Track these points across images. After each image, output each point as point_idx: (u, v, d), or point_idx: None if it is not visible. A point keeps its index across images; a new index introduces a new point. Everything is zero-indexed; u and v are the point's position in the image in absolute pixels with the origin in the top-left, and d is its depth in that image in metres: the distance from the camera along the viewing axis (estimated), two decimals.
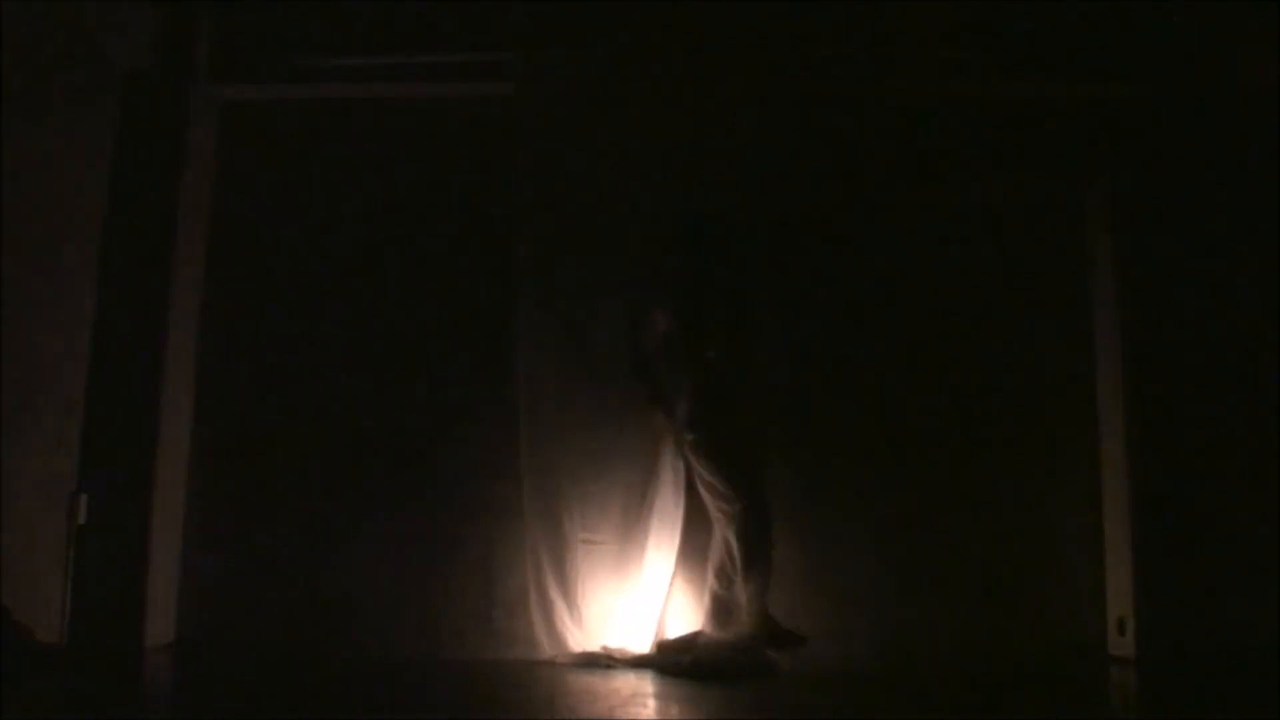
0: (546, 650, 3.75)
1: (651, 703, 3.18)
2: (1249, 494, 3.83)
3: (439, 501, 3.98)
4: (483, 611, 3.90)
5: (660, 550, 3.76)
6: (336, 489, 4.01)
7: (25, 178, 3.69)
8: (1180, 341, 3.89)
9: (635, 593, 3.76)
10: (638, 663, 3.65)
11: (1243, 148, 3.97)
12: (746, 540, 3.57)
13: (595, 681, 3.44)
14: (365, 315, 4.11)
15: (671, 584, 3.79)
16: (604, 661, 3.68)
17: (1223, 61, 4.03)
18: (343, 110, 4.23)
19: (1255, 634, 3.70)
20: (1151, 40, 4.05)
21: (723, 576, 3.64)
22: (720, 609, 3.69)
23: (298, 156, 4.22)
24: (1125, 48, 4.06)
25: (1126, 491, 3.86)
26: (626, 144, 3.95)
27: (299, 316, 4.12)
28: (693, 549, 3.82)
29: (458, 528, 3.95)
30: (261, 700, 3.14)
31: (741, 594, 3.58)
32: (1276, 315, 3.88)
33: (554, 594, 3.75)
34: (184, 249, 4.04)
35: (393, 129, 4.21)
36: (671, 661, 3.59)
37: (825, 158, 4.11)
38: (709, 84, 3.98)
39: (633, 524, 3.79)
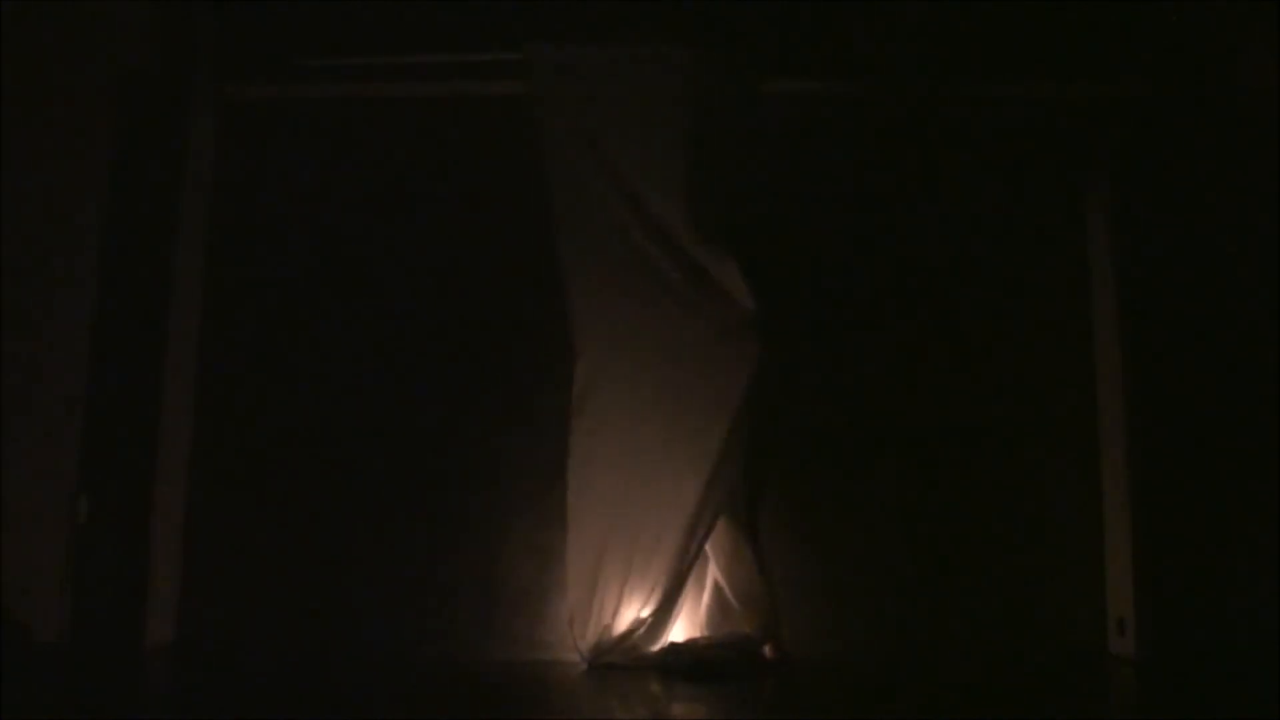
0: (573, 651, 3.72)
1: (652, 703, 3.18)
2: (1249, 493, 3.83)
3: (440, 501, 3.98)
4: (483, 611, 3.91)
5: (672, 549, 3.73)
6: (337, 489, 4.01)
7: (25, 178, 3.69)
8: (1180, 341, 3.90)
9: (638, 592, 3.75)
10: (639, 663, 3.65)
11: (1243, 148, 3.97)
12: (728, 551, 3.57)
13: (596, 681, 3.44)
14: (366, 315, 4.10)
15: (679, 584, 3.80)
16: (606, 661, 3.67)
17: (1223, 61, 4.04)
18: (343, 110, 4.23)
19: (1255, 634, 3.70)
20: (1151, 39, 4.05)
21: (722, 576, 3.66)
22: (720, 609, 3.70)
23: (298, 156, 4.21)
24: (1124, 47, 4.06)
25: (1126, 491, 3.87)
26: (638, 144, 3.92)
27: (300, 316, 4.12)
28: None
29: (458, 527, 3.95)
30: (262, 700, 3.14)
31: (739, 596, 3.58)
32: (1277, 315, 3.88)
33: (594, 592, 3.72)
34: (184, 248, 4.04)
35: (393, 129, 4.21)
36: (672, 661, 3.59)
37: (824, 157, 4.12)
38: (710, 83, 3.98)
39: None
